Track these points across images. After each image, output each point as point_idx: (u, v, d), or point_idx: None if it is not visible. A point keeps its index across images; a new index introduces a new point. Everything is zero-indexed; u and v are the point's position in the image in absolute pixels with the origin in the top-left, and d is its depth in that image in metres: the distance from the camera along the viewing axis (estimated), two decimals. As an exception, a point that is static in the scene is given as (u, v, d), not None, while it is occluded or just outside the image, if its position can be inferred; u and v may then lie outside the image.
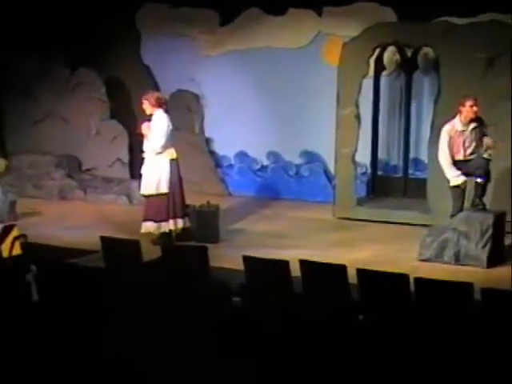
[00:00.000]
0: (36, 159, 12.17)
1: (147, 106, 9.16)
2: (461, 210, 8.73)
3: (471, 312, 5.87)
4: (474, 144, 8.73)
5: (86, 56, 12.15)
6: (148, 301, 5.80)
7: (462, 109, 8.63)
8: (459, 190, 8.70)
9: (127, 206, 11.23)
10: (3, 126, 12.63)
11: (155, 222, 9.09)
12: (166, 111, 9.22)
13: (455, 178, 8.68)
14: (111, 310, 5.74)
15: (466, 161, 8.73)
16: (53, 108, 12.40)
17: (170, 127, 9.15)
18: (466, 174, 8.71)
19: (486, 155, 8.63)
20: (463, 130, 8.69)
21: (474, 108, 8.59)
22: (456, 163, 8.71)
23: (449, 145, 8.68)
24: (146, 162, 9.21)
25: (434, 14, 10.25)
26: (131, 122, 11.85)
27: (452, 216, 8.74)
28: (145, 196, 9.30)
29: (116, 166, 12.22)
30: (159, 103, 9.15)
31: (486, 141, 8.64)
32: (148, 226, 9.11)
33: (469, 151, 8.73)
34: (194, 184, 10.95)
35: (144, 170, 9.21)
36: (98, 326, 5.56)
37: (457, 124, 8.70)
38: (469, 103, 8.58)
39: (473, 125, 8.69)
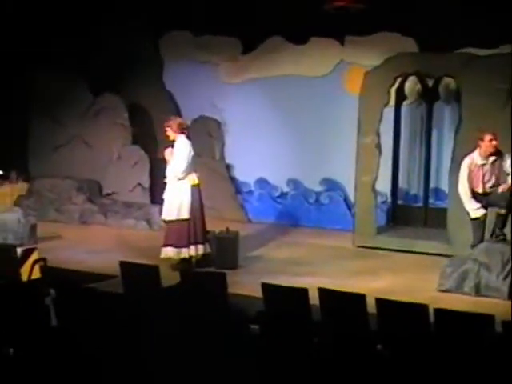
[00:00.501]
0: (57, 183, 12.23)
1: (170, 133, 9.22)
2: (481, 240, 8.69)
3: (492, 344, 5.80)
4: (493, 177, 8.71)
5: (110, 81, 12.27)
6: (166, 326, 5.80)
7: (481, 143, 8.62)
8: (479, 221, 8.67)
9: (147, 231, 11.26)
10: (26, 150, 12.75)
11: (175, 247, 9.10)
12: (188, 137, 9.28)
13: (475, 210, 8.68)
14: (129, 336, 5.73)
15: (485, 194, 8.71)
16: (76, 132, 12.50)
17: (192, 153, 9.20)
18: (486, 205, 8.68)
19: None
20: (483, 164, 8.68)
21: (494, 142, 8.59)
22: (476, 195, 8.69)
23: (469, 178, 8.67)
24: (167, 187, 9.25)
25: (456, 45, 10.28)
26: (153, 148, 11.95)
27: (473, 247, 8.70)
28: (166, 221, 9.32)
29: (137, 191, 12.27)
30: (181, 129, 9.21)
31: (503, 185, 8.61)
32: (168, 252, 9.13)
33: (488, 185, 8.72)
34: (213, 210, 10.98)
35: (166, 196, 9.25)
36: (116, 351, 5.56)
37: (476, 158, 8.68)
38: (488, 137, 8.58)
39: (492, 158, 8.67)
